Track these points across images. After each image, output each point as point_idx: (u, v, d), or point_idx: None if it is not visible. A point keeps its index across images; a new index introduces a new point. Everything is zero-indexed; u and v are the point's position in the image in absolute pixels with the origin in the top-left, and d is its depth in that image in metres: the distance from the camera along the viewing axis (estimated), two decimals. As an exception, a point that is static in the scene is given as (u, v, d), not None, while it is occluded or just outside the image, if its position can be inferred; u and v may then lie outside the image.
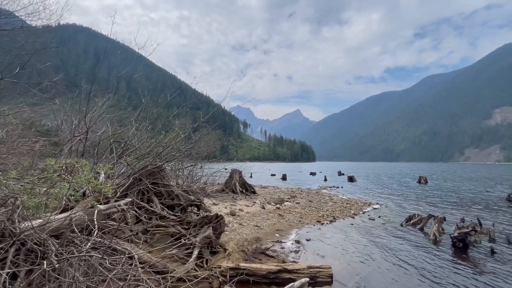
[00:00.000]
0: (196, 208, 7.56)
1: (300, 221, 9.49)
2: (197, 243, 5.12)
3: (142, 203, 5.98)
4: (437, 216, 9.08)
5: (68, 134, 6.65)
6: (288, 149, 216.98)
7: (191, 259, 4.73)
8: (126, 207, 5.45)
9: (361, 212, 11.45)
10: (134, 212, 5.79)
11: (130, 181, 6.37)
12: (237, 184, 14.72)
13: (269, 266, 4.78)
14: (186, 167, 9.71)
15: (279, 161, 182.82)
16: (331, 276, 4.85)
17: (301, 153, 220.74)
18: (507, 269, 5.58)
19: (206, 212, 7.31)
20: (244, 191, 15.07)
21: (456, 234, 6.84)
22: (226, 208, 10.70)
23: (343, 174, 39.15)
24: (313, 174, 40.45)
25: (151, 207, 6.03)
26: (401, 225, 9.27)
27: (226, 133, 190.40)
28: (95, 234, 3.32)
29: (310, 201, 13.95)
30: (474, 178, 37.02)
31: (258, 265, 4.81)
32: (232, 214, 9.63)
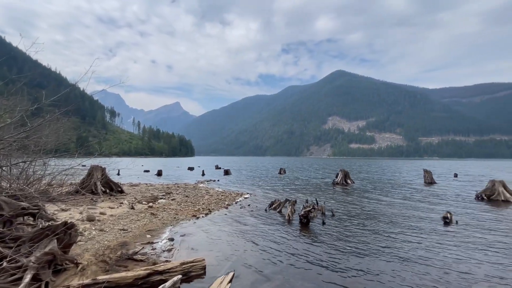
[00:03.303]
0: (32, 218, 5.71)
1: (175, 217, 9.13)
2: (31, 263, 3.86)
3: None
4: (291, 199, 11.20)
5: None
6: (166, 143, 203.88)
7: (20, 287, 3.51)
8: None
9: (234, 203, 12.41)
10: None
11: None
12: (98, 183, 12.34)
13: (137, 272, 4.28)
14: (16, 164, 6.94)
15: (155, 156, 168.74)
16: (204, 268, 4.94)
17: (180, 147, 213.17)
18: (331, 233, 7.69)
19: (49, 221, 5.67)
20: (108, 191, 12.85)
21: (302, 213, 8.68)
22: (81, 213, 8.75)
23: (220, 168, 41.20)
24: (191, 169, 40.10)
25: None
26: (266, 210, 10.79)
27: (86, 121, 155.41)
28: None
29: (186, 196, 13.73)
30: (315, 168, 48.64)
31: (122, 274, 4.20)
32: (90, 219, 7.98)
